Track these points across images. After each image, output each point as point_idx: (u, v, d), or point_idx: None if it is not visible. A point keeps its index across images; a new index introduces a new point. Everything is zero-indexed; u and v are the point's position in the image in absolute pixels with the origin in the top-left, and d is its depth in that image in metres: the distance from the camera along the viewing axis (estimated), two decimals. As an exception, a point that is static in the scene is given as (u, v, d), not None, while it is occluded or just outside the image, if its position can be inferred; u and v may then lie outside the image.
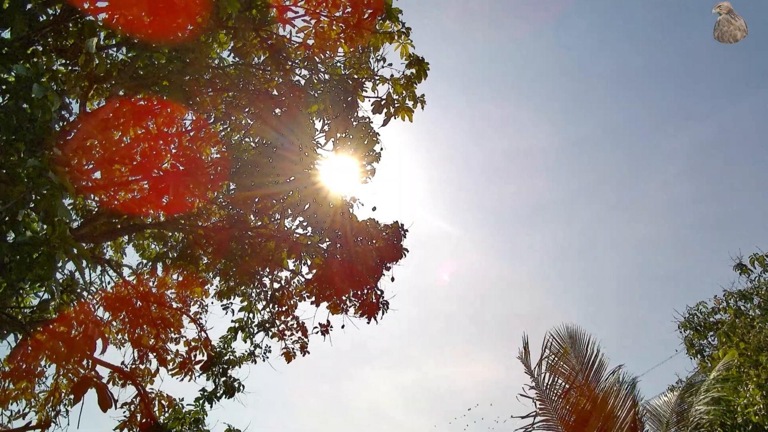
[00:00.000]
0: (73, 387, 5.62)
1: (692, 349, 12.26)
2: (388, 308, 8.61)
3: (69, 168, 5.88)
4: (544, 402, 11.45)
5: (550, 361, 11.80)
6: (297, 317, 10.06)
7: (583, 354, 11.93)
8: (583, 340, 12.21)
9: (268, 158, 9.34)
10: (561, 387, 11.47)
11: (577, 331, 12.31)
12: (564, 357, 11.89)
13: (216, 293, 10.44)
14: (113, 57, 9.04)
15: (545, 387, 11.61)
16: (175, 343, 10.78)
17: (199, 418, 10.11)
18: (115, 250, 10.89)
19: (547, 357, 11.84)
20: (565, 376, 11.63)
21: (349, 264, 8.10)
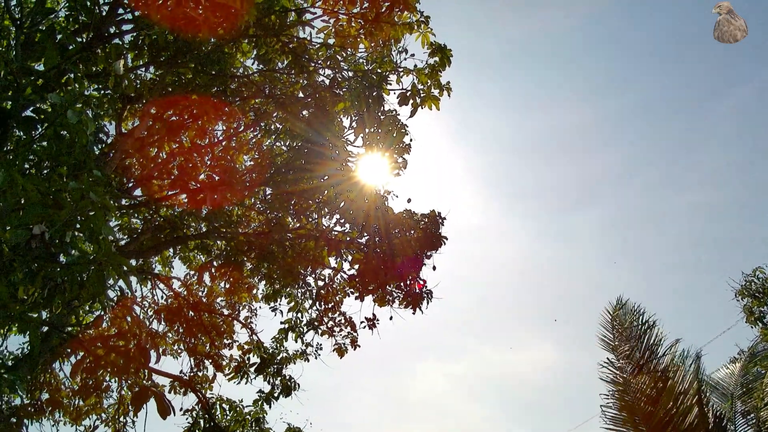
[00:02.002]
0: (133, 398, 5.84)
1: (752, 316, 11.76)
2: (432, 297, 8.62)
3: (110, 188, 6.10)
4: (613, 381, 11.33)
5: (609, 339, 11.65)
6: (344, 313, 10.19)
7: (641, 330, 11.67)
8: (640, 315, 11.93)
9: (301, 160, 9.47)
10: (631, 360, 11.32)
11: (633, 307, 12.05)
12: (623, 334, 11.69)
13: (263, 297, 10.68)
14: (142, 76, 9.34)
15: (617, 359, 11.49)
16: (228, 349, 11.08)
17: (259, 419, 10.35)
18: (163, 264, 11.26)
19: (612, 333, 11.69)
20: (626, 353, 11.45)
21: (389, 256, 8.14)
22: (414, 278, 8.51)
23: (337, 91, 9.28)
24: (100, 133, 8.05)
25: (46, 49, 5.19)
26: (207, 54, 8.50)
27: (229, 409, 10.39)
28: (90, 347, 6.87)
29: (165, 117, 9.23)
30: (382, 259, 8.28)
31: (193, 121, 9.53)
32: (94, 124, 5.01)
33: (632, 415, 10.66)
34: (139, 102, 8.89)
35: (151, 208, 9.60)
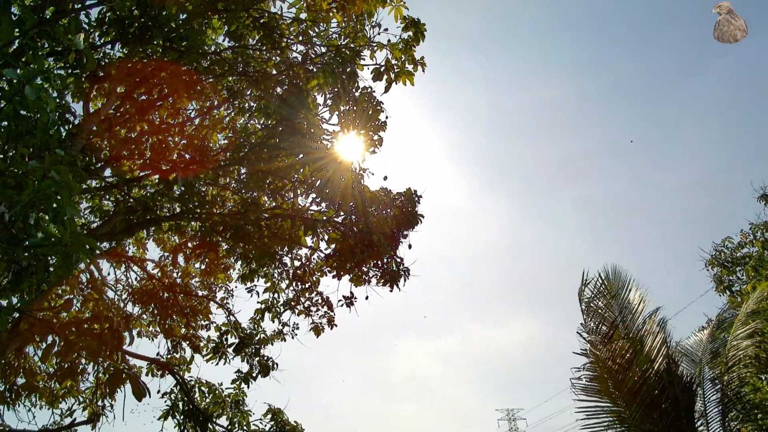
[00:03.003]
0: (107, 381, 5.78)
1: (721, 285, 12.06)
2: (409, 275, 8.63)
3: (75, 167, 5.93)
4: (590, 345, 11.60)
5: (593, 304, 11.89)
6: (321, 293, 10.18)
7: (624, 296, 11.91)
8: (624, 282, 12.15)
9: (275, 138, 9.32)
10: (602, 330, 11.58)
11: (618, 273, 12.28)
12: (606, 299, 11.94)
13: (239, 277, 10.60)
14: (110, 55, 9.05)
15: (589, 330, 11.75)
16: (206, 330, 11.03)
17: (239, 400, 10.34)
18: (137, 247, 11.09)
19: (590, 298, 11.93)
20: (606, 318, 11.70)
21: (366, 235, 8.10)
22: (391, 257, 8.51)
23: (310, 67, 9.13)
24: (66, 112, 7.82)
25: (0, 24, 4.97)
26: (175, 29, 8.26)
27: (208, 391, 10.36)
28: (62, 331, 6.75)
29: (134, 95, 8.99)
30: (359, 238, 8.24)
31: (164, 99, 9.29)
32: (56, 102, 4.84)
33: (604, 383, 10.89)
34: (107, 81, 8.63)
35: (123, 190, 9.39)
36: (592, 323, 11.65)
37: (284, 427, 9.51)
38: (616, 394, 11.11)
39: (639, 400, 10.93)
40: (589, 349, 11.31)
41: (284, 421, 9.63)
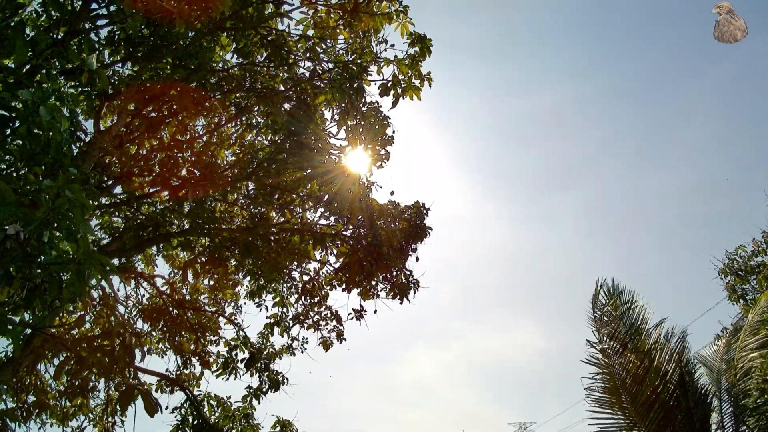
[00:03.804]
0: (119, 397, 5.79)
1: (734, 294, 11.93)
2: (419, 287, 8.63)
3: (87, 186, 6.00)
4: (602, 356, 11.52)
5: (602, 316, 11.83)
6: (330, 307, 10.18)
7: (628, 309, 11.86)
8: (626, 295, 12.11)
9: (283, 153, 9.40)
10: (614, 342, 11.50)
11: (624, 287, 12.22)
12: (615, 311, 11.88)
13: (248, 293, 10.62)
14: (120, 72, 9.18)
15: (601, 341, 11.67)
16: (215, 345, 11.04)
17: (248, 414, 10.33)
18: (146, 263, 11.15)
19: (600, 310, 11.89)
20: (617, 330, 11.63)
21: (375, 248, 8.12)
22: (400, 269, 8.52)
23: (317, 83, 9.21)
24: (78, 131, 7.93)
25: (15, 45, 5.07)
26: (184, 48, 8.38)
27: (217, 406, 10.35)
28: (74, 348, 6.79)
29: (144, 113, 9.11)
30: (368, 251, 8.26)
31: (173, 116, 9.40)
32: (69, 121, 4.92)
33: (617, 395, 10.78)
34: (117, 99, 8.75)
35: (133, 206, 9.47)
36: (604, 335, 11.57)
37: (294, 440, 9.48)
38: (630, 408, 10.98)
39: (653, 414, 10.79)
40: (601, 360, 11.20)
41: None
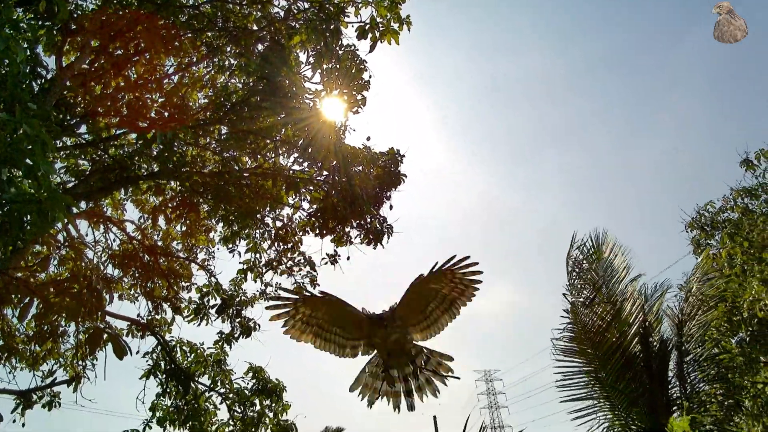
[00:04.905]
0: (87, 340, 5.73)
1: (699, 249, 12.26)
2: (392, 232, 8.63)
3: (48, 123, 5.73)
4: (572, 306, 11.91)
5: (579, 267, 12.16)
6: (303, 253, 10.16)
7: (608, 261, 12.17)
8: (610, 246, 12.38)
9: (256, 97, 9.12)
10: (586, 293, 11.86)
11: (606, 237, 12.49)
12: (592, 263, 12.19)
13: (221, 239, 10.51)
14: (84, 7, 8.68)
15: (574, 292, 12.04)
16: (187, 291, 10.98)
17: (220, 360, 10.40)
18: (114, 208, 10.89)
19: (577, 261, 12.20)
20: (591, 282, 11.98)
21: (349, 194, 8.04)
22: (374, 215, 8.49)
23: (292, 23, 8.87)
24: (37, 66, 7.52)
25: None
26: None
27: (189, 351, 10.39)
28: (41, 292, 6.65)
29: (109, 50, 8.67)
30: (342, 197, 8.18)
31: (140, 54, 8.98)
32: (26, 53, 4.63)
33: (583, 344, 11.20)
34: (80, 34, 8.29)
35: (99, 148, 9.15)
36: (578, 285, 11.90)
37: (266, 385, 9.61)
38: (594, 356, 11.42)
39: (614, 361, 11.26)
40: (571, 310, 11.58)
41: (266, 379, 9.73)
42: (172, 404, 10.05)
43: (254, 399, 9.77)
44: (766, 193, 12.25)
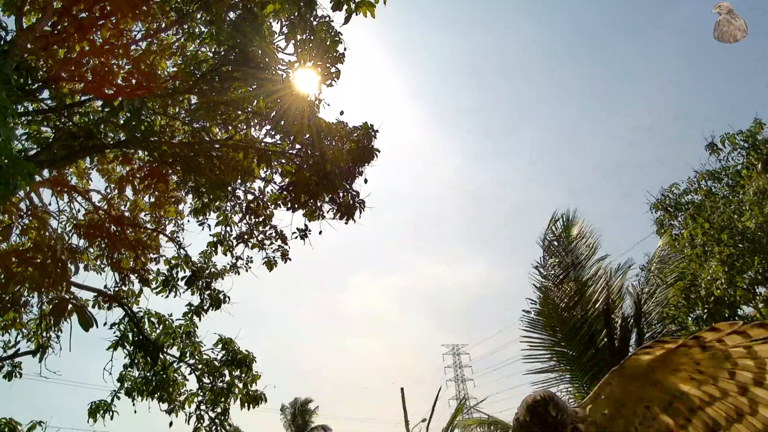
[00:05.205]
0: (51, 311, 5.63)
1: (662, 229, 12.59)
2: (364, 207, 8.63)
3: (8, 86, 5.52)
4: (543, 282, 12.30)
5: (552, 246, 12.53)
6: (275, 226, 10.08)
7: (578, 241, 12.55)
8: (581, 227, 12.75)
9: (228, 66, 8.90)
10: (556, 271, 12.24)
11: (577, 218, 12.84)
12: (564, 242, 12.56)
13: (191, 211, 10.35)
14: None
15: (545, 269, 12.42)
16: (155, 263, 10.84)
17: (189, 332, 10.36)
18: (79, 177, 10.61)
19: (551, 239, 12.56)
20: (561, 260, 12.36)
21: (321, 168, 7.98)
22: (346, 190, 8.46)
23: (266, -9, 8.63)
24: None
25: None
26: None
27: (158, 323, 10.32)
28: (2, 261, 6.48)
29: (73, 12, 8.33)
30: (314, 171, 8.12)
31: (106, 18, 8.65)
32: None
33: (550, 318, 11.60)
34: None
35: (63, 114, 8.85)
36: (547, 263, 12.28)
37: (235, 356, 9.63)
38: (560, 331, 11.81)
39: (579, 337, 11.66)
40: (540, 287, 11.98)
41: (235, 350, 9.75)
42: (140, 375, 10.01)
43: (224, 370, 9.79)
44: (729, 176, 12.59)
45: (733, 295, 10.82)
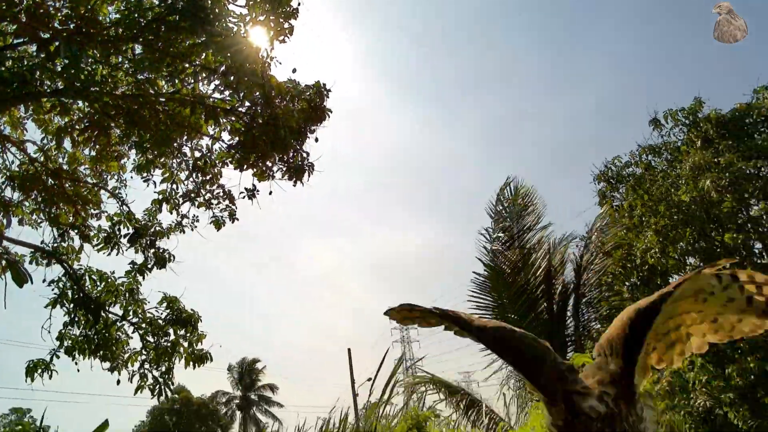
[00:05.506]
0: (-19, 264, 5.38)
1: (603, 200, 13.06)
2: (314, 170, 8.53)
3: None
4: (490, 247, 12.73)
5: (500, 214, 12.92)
6: (223, 185, 9.87)
7: (523, 209, 13.00)
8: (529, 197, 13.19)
9: (174, 16, 8.49)
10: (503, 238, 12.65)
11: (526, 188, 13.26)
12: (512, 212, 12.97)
13: (134, 166, 9.98)
14: None
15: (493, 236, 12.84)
16: (96, 219, 10.48)
17: (133, 289, 10.13)
18: (13, 126, 10.02)
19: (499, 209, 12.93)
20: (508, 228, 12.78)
21: (272, 127, 7.80)
22: (297, 151, 8.33)
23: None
24: None
25: None
26: None
27: (99, 280, 10.03)
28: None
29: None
30: (264, 130, 7.94)
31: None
32: None
33: (496, 282, 12.06)
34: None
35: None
36: (495, 231, 12.72)
37: (180, 315, 9.51)
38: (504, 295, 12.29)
39: (521, 302, 12.16)
40: (489, 252, 12.42)
41: (180, 309, 9.62)
42: (81, 333, 9.77)
43: (168, 329, 9.67)
44: (669, 151, 13.09)
45: (666, 264, 11.41)
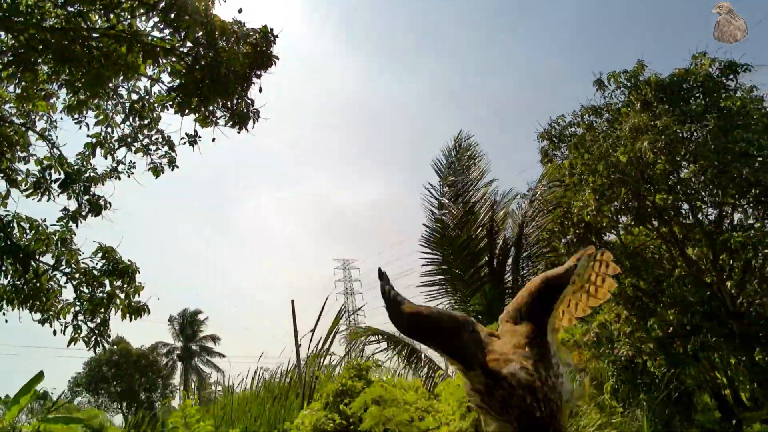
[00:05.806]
0: None
1: (546, 158, 13.38)
2: (259, 117, 8.25)
3: None
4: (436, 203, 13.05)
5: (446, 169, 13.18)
6: (162, 131, 9.43)
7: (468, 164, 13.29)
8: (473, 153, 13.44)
9: (109, -56, 7.86)
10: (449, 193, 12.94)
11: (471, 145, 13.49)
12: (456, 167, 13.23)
13: (65, 107, 9.35)
14: None
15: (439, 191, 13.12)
16: (24, 163, 9.87)
17: (65, 238, 9.67)
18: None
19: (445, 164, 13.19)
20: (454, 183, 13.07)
21: (215, 69, 7.45)
22: (241, 96, 8.03)
23: None
24: None
25: None
26: None
27: (29, 228, 9.51)
28: None
29: None
30: (207, 72, 7.58)
31: None
32: None
33: (441, 237, 12.37)
34: None
35: None
36: (441, 186, 13.02)
37: (117, 266, 9.19)
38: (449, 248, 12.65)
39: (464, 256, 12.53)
40: (435, 206, 12.72)
41: (117, 260, 9.29)
42: (9, 283, 9.32)
43: (103, 280, 9.33)
44: (610, 113, 13.46)
45: (600, 222, 11.91)
